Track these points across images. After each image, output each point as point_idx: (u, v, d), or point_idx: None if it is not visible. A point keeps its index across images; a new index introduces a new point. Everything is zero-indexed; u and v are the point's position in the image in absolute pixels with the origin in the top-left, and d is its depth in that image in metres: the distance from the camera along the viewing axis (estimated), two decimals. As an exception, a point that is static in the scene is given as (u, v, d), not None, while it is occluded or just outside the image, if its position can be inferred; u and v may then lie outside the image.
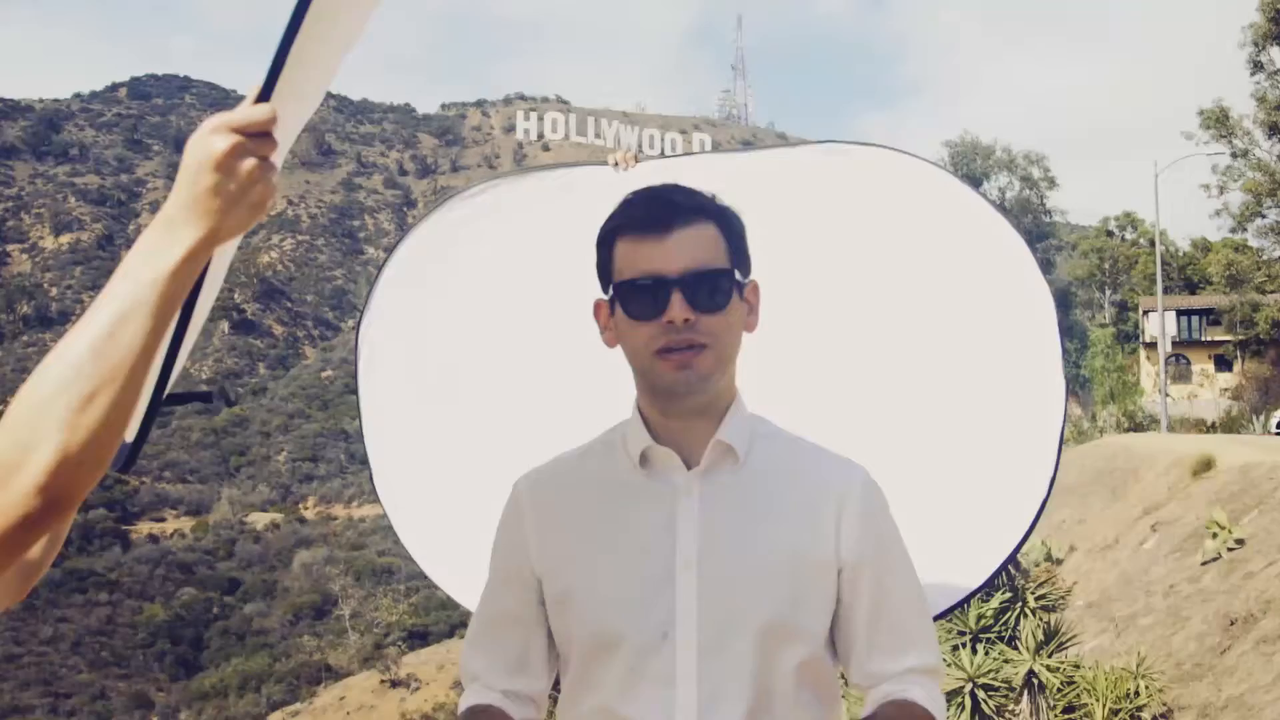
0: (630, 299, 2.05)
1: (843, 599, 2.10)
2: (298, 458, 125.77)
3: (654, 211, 2.07)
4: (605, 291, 2.12)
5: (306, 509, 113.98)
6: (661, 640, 2.02)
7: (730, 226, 2.12)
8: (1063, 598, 16.27)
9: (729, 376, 2.13)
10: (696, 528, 2.06)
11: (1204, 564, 15.16)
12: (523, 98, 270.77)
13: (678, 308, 2.00)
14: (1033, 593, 12.21)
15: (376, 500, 3.48)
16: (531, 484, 2.24)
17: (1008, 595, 12.24)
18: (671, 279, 2.01)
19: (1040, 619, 11.69)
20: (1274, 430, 35.82)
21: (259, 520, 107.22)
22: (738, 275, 2.09)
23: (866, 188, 3.16)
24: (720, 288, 2.05)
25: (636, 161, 3.37)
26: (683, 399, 2.07)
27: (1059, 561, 21.05)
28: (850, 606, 2.10)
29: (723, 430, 2.11)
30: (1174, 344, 58.56)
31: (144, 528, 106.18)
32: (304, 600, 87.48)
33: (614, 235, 2.11)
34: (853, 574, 2.09)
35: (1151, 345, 54.75)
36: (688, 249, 2.04)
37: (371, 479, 3.69)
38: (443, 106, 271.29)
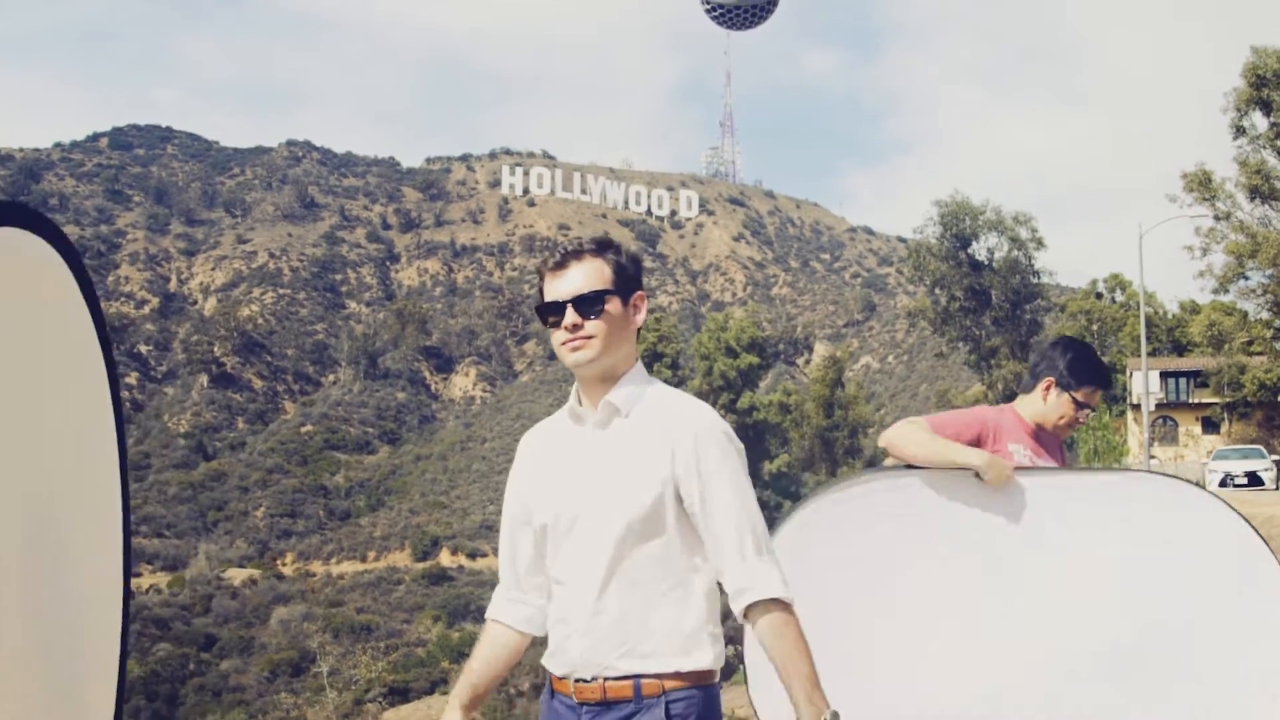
0: (547, 313, 3.41)
1: (686, 509, 3.30)
2: (276, 513, 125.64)
3: (559, 257, 3.47)
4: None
5: (284, 565, 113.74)
6: (572, 526, 3.37)
7: (618, 261, 3.46)
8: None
9: (621, 355, 3.42)
10: (589, 459, 3.39)
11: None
12: (508, 152, 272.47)
13: (570, 317, 3.37)
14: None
15: (355, 556, 4.32)
16: (526, 437, 3.70)
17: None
18: (566, 300, 3.38)
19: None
20: (1236, 482, 36.68)
21: (236, 576, 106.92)
22: (618, 292, 3.41)
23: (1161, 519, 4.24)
24: (599, 301, 3.37)
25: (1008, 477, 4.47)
26: (582, 371, 3.41)
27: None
28: (693, 515, 3.30)
29: (611, 394, 3.41)
30: (1161, 406, 59.57)
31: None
32: (281, 657, 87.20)
33: (539, 273, 3.47)
34: (686, 491, 3.29)
35: (1138, 407, 55.71)
36: (577, 279, 3.40)
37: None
38: (427, 160, 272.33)
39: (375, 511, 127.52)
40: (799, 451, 75.89)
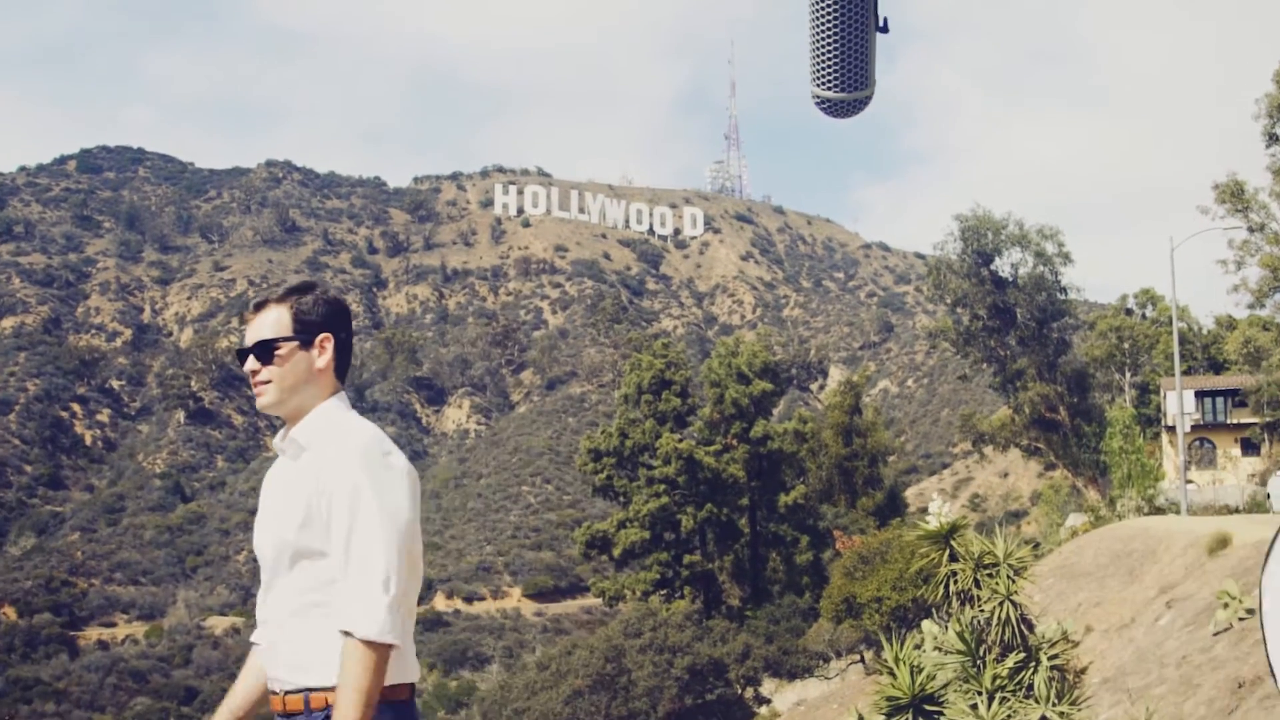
0: (239, 359, 4.12)
1: (331, 534, 3.86)
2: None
3: (254, 304, 4.17)
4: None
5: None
6: (261, 555, 4.06)
7: (298, 307, 4.09)
8: (1079, 674, 17.55)
9: (305, 396, 4.06)
10: (278, 492, 4.03)
11: (1216, 634, 16.52)
12: (501, 170, 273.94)
13: (249, 364, 4.08)
14: (1046, 653, 13.50)
15: None
16: (268, 472, 4.25)
17: (1021, 656, 13.50)
18: (249, 347, 4.06)
19: (1054, 675, 13.03)
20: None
21: (218, 624, 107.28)
22: (297, 338, 4.06)
23: None
24: (271, 349, 4.03)
25: None
26: (268, 412, 4.08)
27: (1075, 643, 22.32)
28: (335, 540, 3.84)
29: (294, 429, 4.03)
30: (1197, 427, 60.05)
31: (93, 633, 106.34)
32: (267, 711, 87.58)
33: (241, 321, 4.46)
34: (328, 519, 3.83)
35: (1173, 429, 56.16)
36: (259, 327, 4.08)
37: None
38: (415, 180, 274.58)
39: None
40: (816, 482, 76.09)
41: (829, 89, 4.20)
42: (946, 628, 14.90)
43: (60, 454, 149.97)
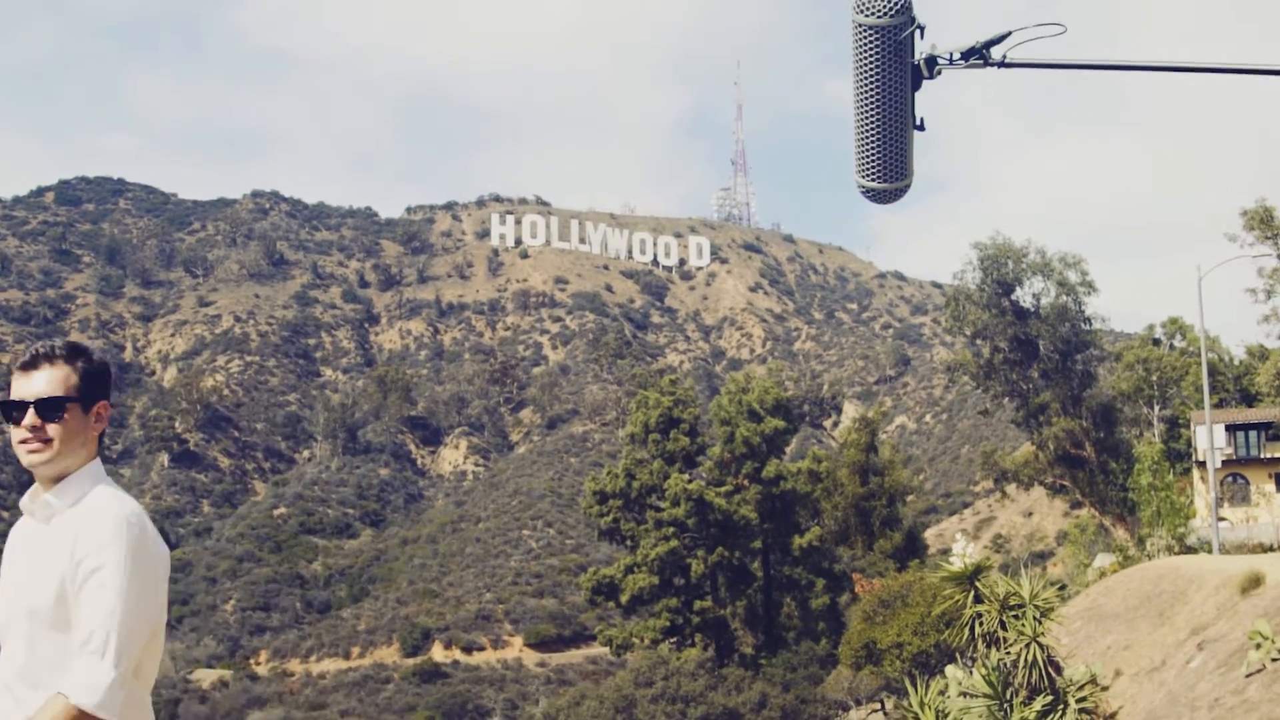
0: (10, 410, 4.21)
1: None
2: (248, 606, 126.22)
3: (30, 356, 4.27)
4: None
5: (258, 664, 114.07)
6: (6, 621, 4.18)
7: (86, 369, 4.30)
8: (1109, 718, 17.95)
9: (76, 459, 4.24)
10: (27, 555, 4.24)
11: (1248, 676, 16.90)
12: (497, 199, 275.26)
13: (30, 419, 4.18)
14: (1074, 696, 13.90)
15: (337, 653, 5.20)
16: (13, 529, 4.41)
17: (1049, 699, 13.90)
18: (29, 401, 4.19)
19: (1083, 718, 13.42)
20: None
21: (205, 678, 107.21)
22: (81, 400, 4.25)
23: None
24: (60, 407, 4.19)
25: None
26: (37, 471, 4.23)
27: (1105, 687, 22.70)
28: (75, 607, 4.05)
29: (50, 492, 4.22)
30: (1229, 462, 60.33)
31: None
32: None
33: (9, 371, 4.42)
34: (71, 586, 4.04)
35: (1204, 464, 56.44)
36: (42, 382, 4.21)
37: None
38: (408, 210, 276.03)
39: (358, 602, 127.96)
40: (831, 524, 76.45)
41: (872, 180, 4.91)
42: (971, 672, 15.31)
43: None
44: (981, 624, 14.48)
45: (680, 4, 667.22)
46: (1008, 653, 14.40)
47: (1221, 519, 47.79)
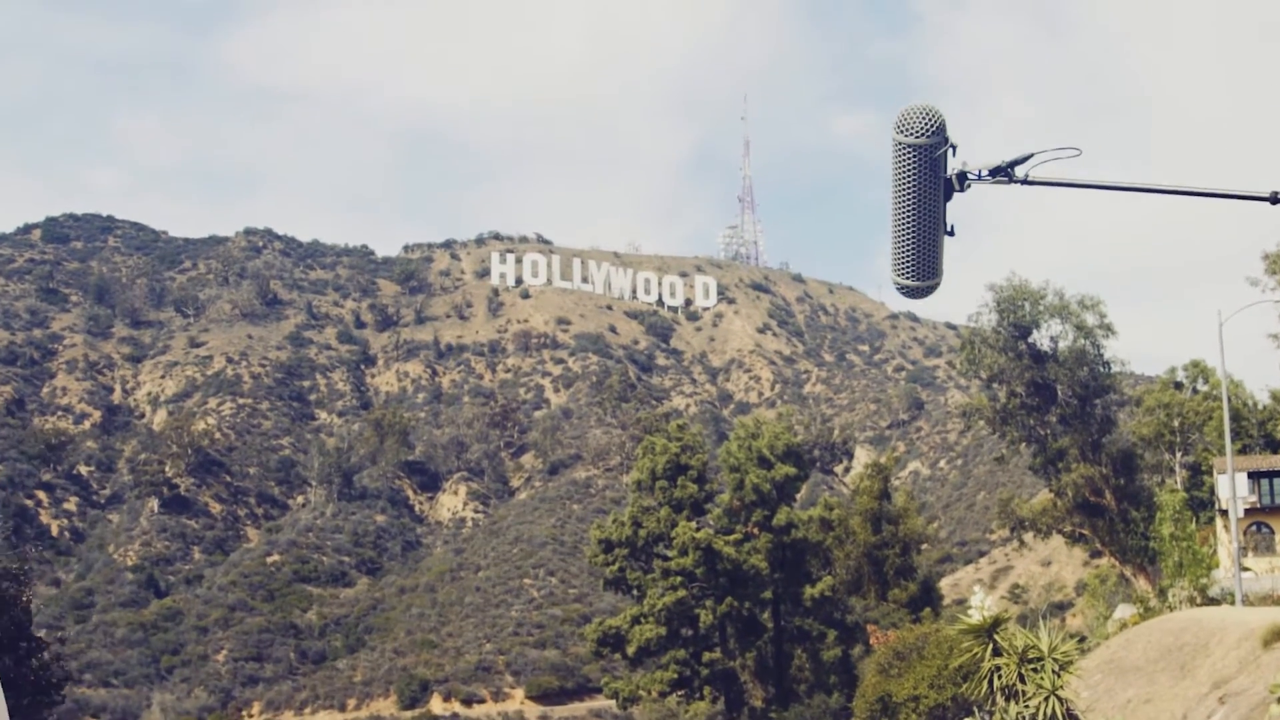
0: None
1: None
2: (240, 656, 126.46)
3: None
4: None
5: (251, 716, 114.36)
6: None
7: None
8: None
9: None
10: None
11: (1269, 730, 17.32)
12: (498, 237, 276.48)
13: None
14: (1092, 749, 14.39)
15: (333, 705, 5.63)
16: None
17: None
18: None
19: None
20: None
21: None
22: None
23: None
24: None
25: None
26: None
27: (1126, 742, 23.11)
28: None
29: None
30: (1253, 511, 60.71)
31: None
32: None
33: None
34: None
35: (1227, 512, 56.83)
36: None
37: None
38: (405, 248, 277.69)
39: (354, 653, 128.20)
40: (844, 573, 76.78)
41: (906, 278, 5.72)
42: (990, 725, 15.76)
43: (24, 545, 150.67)
44: (1000, 677, 15.04)
45: (685, 38, 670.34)
46: (1026, 706, 14.97)
47: (1245, 569, 48.14)
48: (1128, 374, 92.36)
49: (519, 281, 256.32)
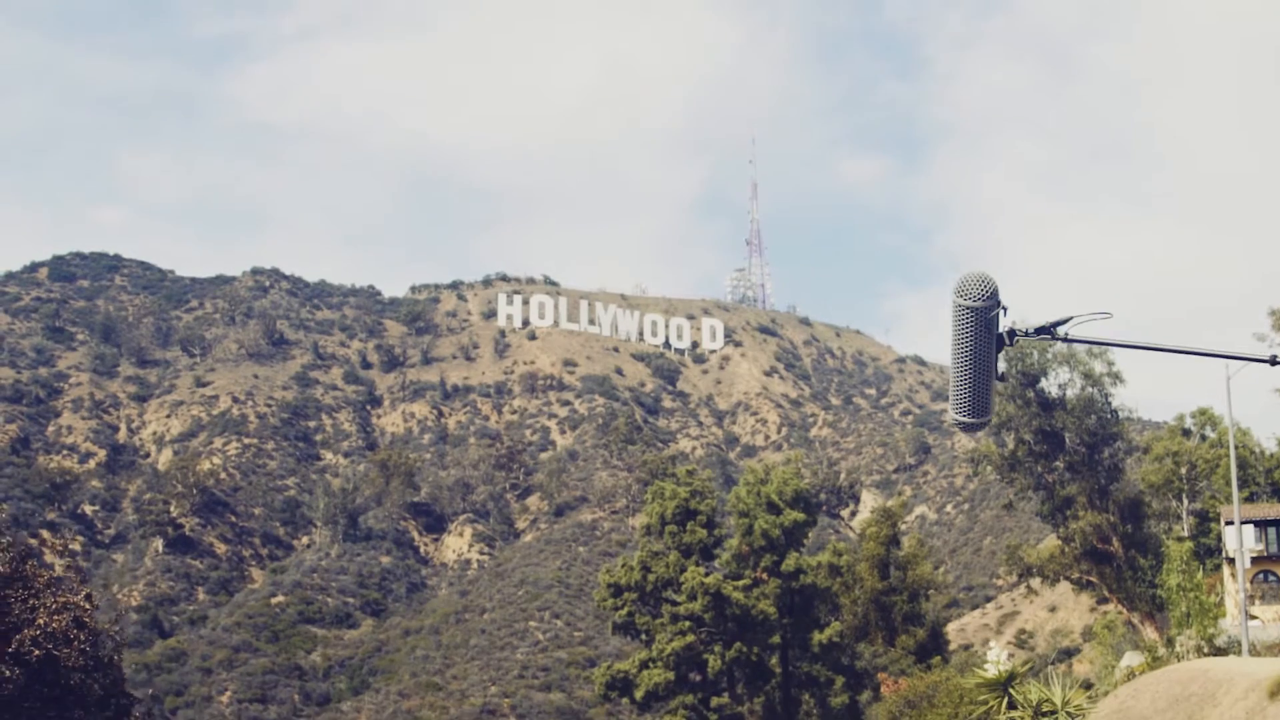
0: None
1: None
2: (244, 698, 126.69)
3: None
4: None
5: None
6: None
7: None
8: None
9: None
10: None
11: (1274, 780, 17.96)
12: (504, 278, 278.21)
13: None
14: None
15: None
16: None
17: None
18: None
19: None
20: None
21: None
22: None
23: None
24: None
25: None
26: None
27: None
28: None
29: None
30: (1261, 559, 61.26)
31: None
32: None
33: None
34: None
35: (1234, 561, 57.33)
36: None
37: None
38: (412, 289, 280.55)
39: (359, 695, 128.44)
40: (851, 619, 77.29)
41: (963, 416, 7.06)
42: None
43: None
44: (1014, 727, 15.72)
45: (693, 81, 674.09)
46: (1040, 756, 15.65)
47: (1252, 618, 48.71)
48: (1135, 420, 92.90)
49: (526, 323, 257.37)
